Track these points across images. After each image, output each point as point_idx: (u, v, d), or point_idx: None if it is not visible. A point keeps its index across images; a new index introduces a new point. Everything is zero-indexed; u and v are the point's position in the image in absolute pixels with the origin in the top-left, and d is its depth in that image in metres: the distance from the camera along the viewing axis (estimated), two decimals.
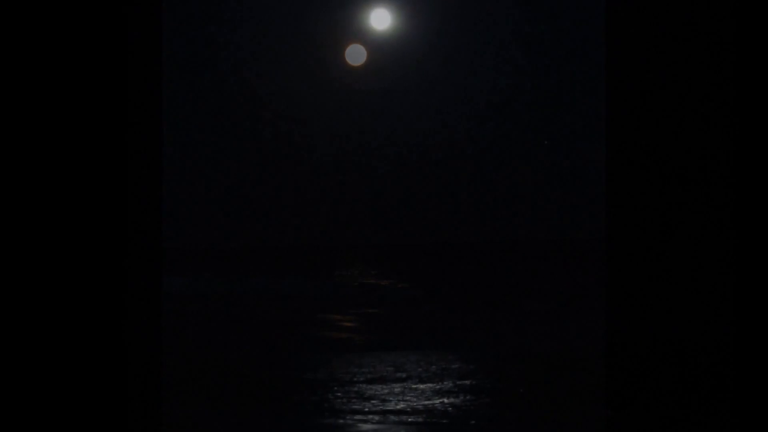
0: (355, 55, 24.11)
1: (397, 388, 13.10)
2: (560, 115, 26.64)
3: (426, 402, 10.87)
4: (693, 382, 4.21)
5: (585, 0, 24.15)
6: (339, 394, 12.61)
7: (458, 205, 30.27)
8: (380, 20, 23.11)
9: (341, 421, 9.23)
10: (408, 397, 11.57)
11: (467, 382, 13.71)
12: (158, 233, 4.25)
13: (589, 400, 10.70)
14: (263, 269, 34.35)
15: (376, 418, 9.41)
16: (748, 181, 3.92)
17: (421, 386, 13.17)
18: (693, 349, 4.17)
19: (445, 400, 10.95)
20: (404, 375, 15.65)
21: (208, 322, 24.38)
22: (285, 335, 20.49)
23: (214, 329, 22.54)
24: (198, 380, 16.62)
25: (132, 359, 3.98)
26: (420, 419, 9.11)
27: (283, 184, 29.84)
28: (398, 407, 10.42)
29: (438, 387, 12.95)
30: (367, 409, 10.31)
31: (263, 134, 27.91)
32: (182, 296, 26.69)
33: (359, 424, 8.81)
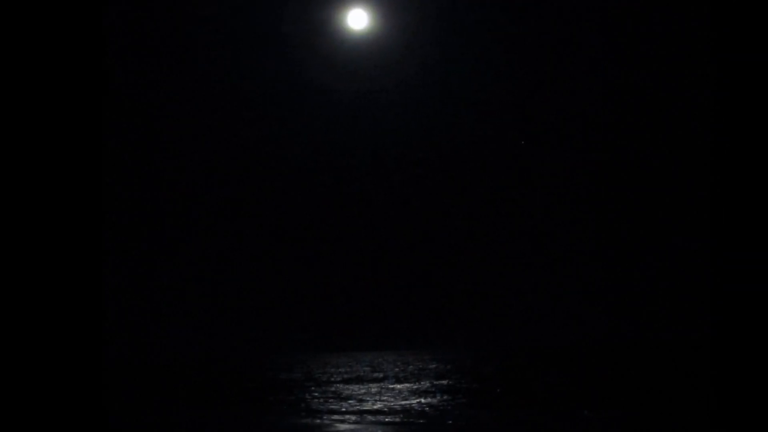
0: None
1: (374, 388, 13.10)
2: (541, 117, 26.72)
3: (403, 402, 10.87)
4: None
5: (567, 0, 24.18)
6: (316, 394, 12.60)
7: (441, 207, 30.41)
8: (357, 20, 23.08)
9: (318, 421, 9.21)
10: (385, 397, 11.56)
11: (444, 382, 13.72)
12: (99, 232, 4.23)
13: (567, 400, 10.73)
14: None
15: (353, 417, 9.39)
16: None
17: (398, 386, 13.18)
18: None
19: (423, 400, 10.96)
20: (381, 375, 15.66)
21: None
22: None
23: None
24: (175, 381, 16.60)
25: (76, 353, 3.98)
26: (397, 419, 9.10)
27: (260, 185, 29.78)
28: (375, 407, 10.41)
29: (415, 387, 12.96)
30: (344, 409, 10.30)
31: (240, 134, 27.93)
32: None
33: (336, 424, 8.79)
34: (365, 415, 9.63)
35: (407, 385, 13.37)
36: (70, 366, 3.97)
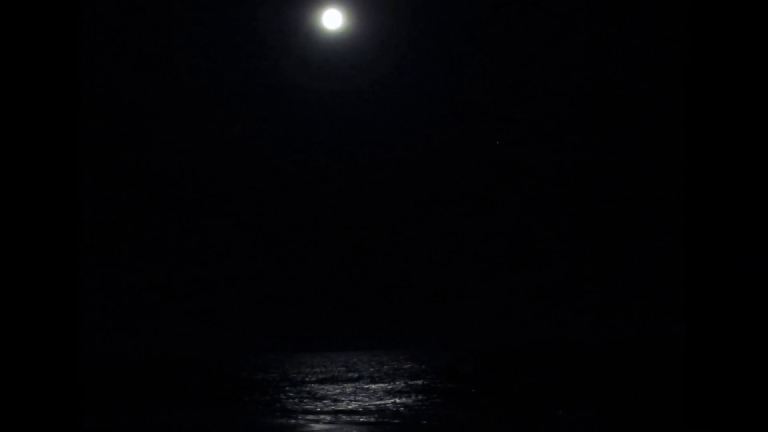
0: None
1: (348, 388, 13.09)
2: (517, 117, 26.80)
3: (378, 402, 10.87)
4: None
5: (538, 1, 24.26)
6: (291, 394, 12.59)
7: (415, 207, 30.42)
8: (332, 20, 23.07)
9: (293, 421, 9.19)
10: (360, 397, 11.57)
11: (419, 382, 13.74)
12: (73, 237, 4.21)
13: (542, 399, 10.77)
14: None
15: (328, 417, 9.38)
16: None
17: (373, 386, 13.18)
18: None
19: (397, 400, 10.96)
20: (356, 375, 15.66)
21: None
22: None
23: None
24: (151, 381, 16.53)
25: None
26: (372, 419, 9.10)
27: (235, 186, 29.73)
28: (350, 407, 10.40)
29: (390, 387, 12.97)
30: (319, 409, 10.29)
31: (215, 135, 27.84)
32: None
33: (311, 424, 8.78)
34: (340, 415, 9.63)
35: (382, 385, 13.38)
36: (46, 365, 3.95)
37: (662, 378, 12.34)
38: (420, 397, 11.42)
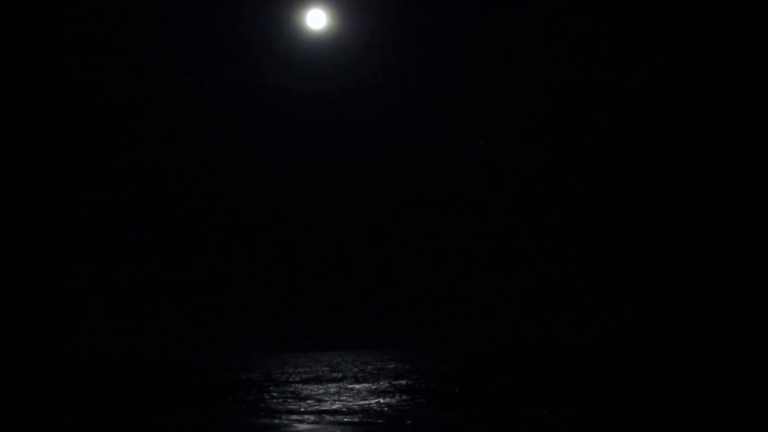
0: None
1: (333, 388, 13.09)
2: (500, 117, 26.86)
3: (362, 402, 10.87)
4: None
5: (521, 1, 24.31)
6: (275, 394, 12.56)
7: (399, 207, 30.48)
8: (316, 20, 23.04)
9: (277, 421, 9.17)
10: (344, 397, 11.56)
11: (403, 382, 13.74)
12: (54, 237, 4.19)
13: (525, 400, 10.79)
14: None
15: (312, 417, 9.37)
16: None
17: (357, 386, 13.17)
18: None
19: (381, 400, 10.96)
20: (340, 375, 15.66)
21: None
22: None
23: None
24: (135, 381, 16.48)
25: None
26: (356, 419, 9.09)
27: (218, 186, 29.68)
28: (334, 407, 10.39)
29: (374, 387, 12.96)
30: (303, 409, 10.27)
31: (198, 133, 27.79)
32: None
33: (295, 424, 8.77)
34: (324, 415, 9.61)
35: (366, 385, 13.37)
36: (28, 366, 3.93)
37: (647, 378, 12.38)
38: (404, 397, 11.42)
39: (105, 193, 25.81)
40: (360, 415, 9.41)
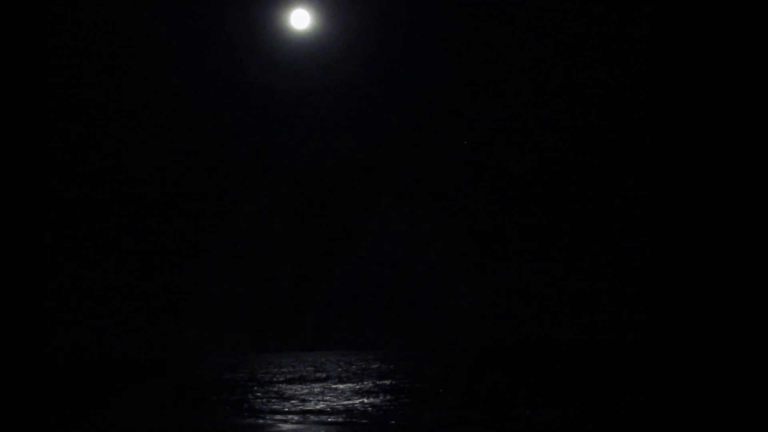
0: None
1: (317, 388, 13.07)
2: (484, 117, 26.84)
3: (346, 402, 10.86)
4: None
5: (507, 1, 24.33)
6: (259, 394, 12.54)
7: (382, 207, 30.41)
8: (300, 20, 23.01)
9: (261, 421, 9.17)
10: (328, 397, 11.55)
11: (387, 382, 13.73)
12: (41, 237, 4.18)
13: (510, 400, 10.80)
14: None
15: (296, 418, 9.37)
16: None
17: (341, 386, 13.16)
18: None
19: (365, 400, 10.96)
20: (324, 375, 15.63)
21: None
22: None
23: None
24: (116, 381, 16.41)
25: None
26: (340, 419, 9.09)
27: (199, 186, 29.58)
28: (318, 407, 10.39)
29: (358, 387, 12.95)
30: (287, 409, 10.26)
31: (181, 133, 27.66)
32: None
33: (279, 424, 8.77)
34: (308, 415, 9.61)
35: (350, 385, 13.36)
36: (9, 366, 3.91)
37: (635, 378, 12.42)
38: (388, 397, 11.41)
39: (86, 192, 25.69)
40: (344, 415, 9.41)
